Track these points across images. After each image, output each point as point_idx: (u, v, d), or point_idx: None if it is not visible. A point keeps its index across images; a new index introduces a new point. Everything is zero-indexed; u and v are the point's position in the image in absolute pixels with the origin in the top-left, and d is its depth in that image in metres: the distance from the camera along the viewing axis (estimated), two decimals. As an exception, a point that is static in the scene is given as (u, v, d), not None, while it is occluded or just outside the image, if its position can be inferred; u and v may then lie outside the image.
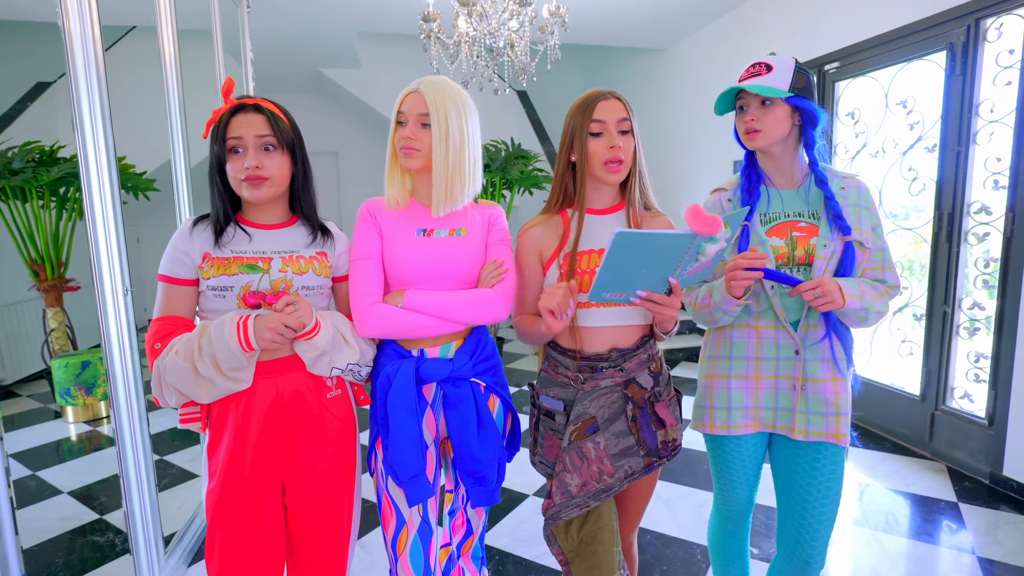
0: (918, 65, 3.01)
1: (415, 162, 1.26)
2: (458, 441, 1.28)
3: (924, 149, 2.99)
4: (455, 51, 3.33)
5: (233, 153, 1.20)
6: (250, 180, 1.20)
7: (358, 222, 1.32)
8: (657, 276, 1.12)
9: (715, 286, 1.30)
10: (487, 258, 1.34)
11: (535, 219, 1.36)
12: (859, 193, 1.35)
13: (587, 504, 1.25)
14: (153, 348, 1.17)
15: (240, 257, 1.21)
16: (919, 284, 3.08)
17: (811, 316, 1.31)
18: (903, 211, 3.18)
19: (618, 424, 1.27)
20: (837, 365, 1.33)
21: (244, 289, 1.20)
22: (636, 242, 1.03)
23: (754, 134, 1.30)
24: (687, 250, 1.06)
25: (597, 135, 1.26)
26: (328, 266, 1.30)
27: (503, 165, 4.61)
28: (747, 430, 1.38)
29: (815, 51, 3.55)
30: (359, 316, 1.25)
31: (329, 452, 1.28)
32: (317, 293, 1.28)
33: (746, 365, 1.36)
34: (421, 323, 1.24)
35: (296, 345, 1.21)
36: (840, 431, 1.31)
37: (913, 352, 3.11)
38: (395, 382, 1.24)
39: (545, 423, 1.34)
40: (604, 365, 1.29)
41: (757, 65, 1.30)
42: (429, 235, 1.29)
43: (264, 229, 1.27)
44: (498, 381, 1.37)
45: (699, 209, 1.02)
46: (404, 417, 1.23)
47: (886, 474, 2.76)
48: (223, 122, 1.20)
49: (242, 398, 1.21)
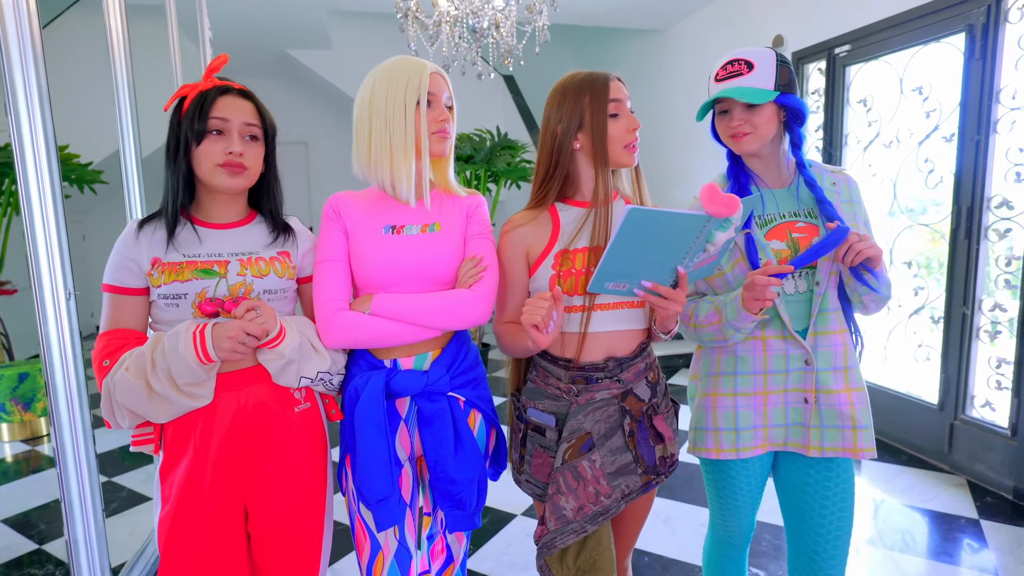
0: (935, 48, 3.05)
1: (445, 147, 1.28)
2: (434, 461, 1.28)
3: (941, 139, 3.02)
4: (435, 32, 3.31)
5: (213, 135, 1.19)
6: (230, 167, 1.20)
7: (323, 220, 1.31)
8: (665, 264, 1.12)
9: (725, 303, 1.30)
10: (465, 254, 1.32)
11: (519, 215, 1.35)
12: (850, 188, 1.37)
13: (584, 529, 1.25)
14: (101, 366, 1.16)
15: (193, 261, 1.20)
16: (937, 284, 3.11)
17: (820, 322, 1.33)
18: (919, 205, 3.21)
19: (615, 440, 1.27)
20: (851, 374, 1.34)
21: (199, 296, 1.19)
22: (649, 222, 1.02)
23: (741, 137, 1.32)
24: (699, 235, 1.07)
25: (616, 116, 1.26)
26: (291, 267, 1.30)
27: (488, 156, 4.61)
28: (756, 451, 1.38)
29: (824, 33, 3.59)
30: (323, 325, 1.24)
31: (297, 471, 1.27)
32: (280, 297, 1.28)
33: (752, 380, 1.36)
34: (392, 331, 1.24)
35: (260, 354, 1.20)
36: (858, 445, 1.32)
37: (930, 357, 3.14)
38: (363, 396, 1.24)
39: (534, 439, 1.33)
40: (600, 376, 1.28)
41: (736, 63, 1.30)
42: (399, 232, 1.28)
43: (219, 229, 1.26)
44: (480, 395, 1.37)
45: (715, 188, 1.02)
46: (372, 435, 1.22)
47: (902, 489, 2.78)
48: (209, 99, 1.19)
49: (201, 415, 1.20)
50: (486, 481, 1.37)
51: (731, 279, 1.36)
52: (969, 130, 2.80)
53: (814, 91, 3.80)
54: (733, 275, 1.35)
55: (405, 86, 1.24)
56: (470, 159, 4.67)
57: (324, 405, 1.36)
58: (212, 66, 1.25)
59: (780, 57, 1.32)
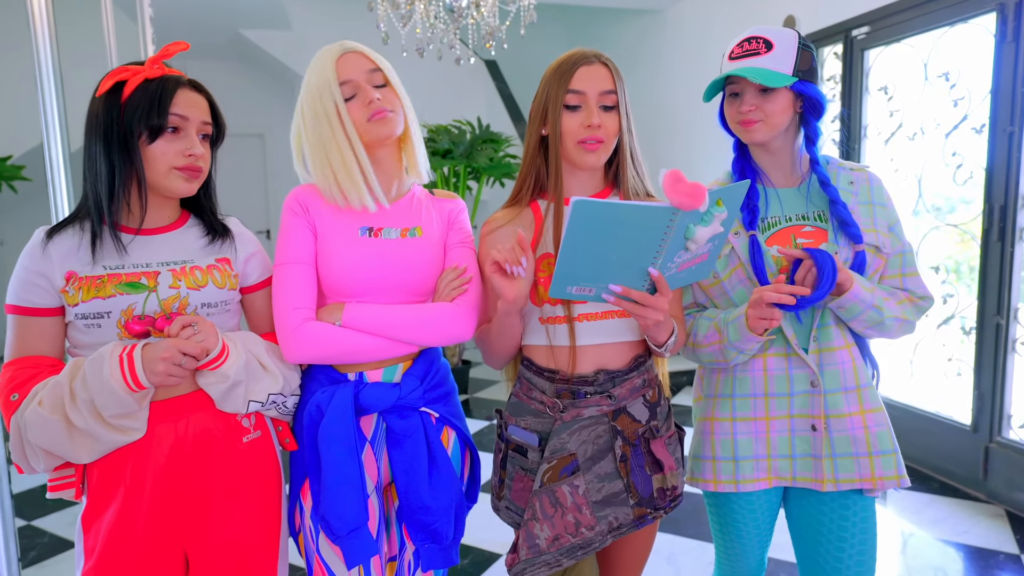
0: (963, 30, 3.07)
1: (393, 127, 1.27)
2: (405, 486, 1.27)
3: (971, 130, 3.04)
4: (407, 11, 3.30)
5: (169, 133, 1.18)
6: (189, 171, 1.19)
7: (286, 216, 1.30)
8: (634, 265, 1.11)
9: (726, 322, 1.30)
10: (446, 263, 1.33)
11: (498, 214, 1.36)
12: (871, 187, 1.37)
13: (558, 562, 1.24)
14: (8, 400, 1.12)
15: (117, 274, 1.17)
16: (968, 290, 3.13)
17: (822, 336, 1.32)
18: (947, 204, 3.24)
19: (603, 464, 1.26)
20: (865, 393, 1.33)
21: (125, 314, 1.16)
22: (600, 215, 1.00)
23: (751, 124, 1.31)
24: (667, 229, 1.05)
25: (573, 108, 1.26)
26: (232, 275, 1.28)
27: (468, 150, 4.59)
28: (760, 484, 1.37)
29: (841, 13, 3.61)
30: (286, 336, 1.23)
31: (246, 511, 1.24)
32: (222, 311, 1.26)
33: (753, 404, 1.36)
34: (364, 345, 1.24)
35: (200, 377, 1.19)
36: (877, 473, 1.31)
37: (961, 373, 3.15)
38: (328, 412, 1.22)
39: (514, 460, 1.34)
40: (588, 390, 1.28)
41: (754, 40, 1.30)
42: (377, 235, 1.28)
43: (146, 235, 1.23)
44: (452, 411, 1.37)
45: (679, 175, 1.01)
46: (341, 455, 1.21)
47: (933, 521, 2.77)
48: (167, 91, 1.17)
49: (131, 451, 1.16)
50: (464, 509, 1.37)
51: (728, 288, 1.35)
52: (1001, 120, 2.82)
53: (829, 78, 3.82)
54: (731, 284, 1.35)
55: (319, 91, 1.26)
56: (448, 154, 4.65)
57: (277, 433, 1.34)
58: (165, 51, 1.23)
59: (804, 41, 1.31)
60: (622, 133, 1.30)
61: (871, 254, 1.33)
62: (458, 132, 4.73)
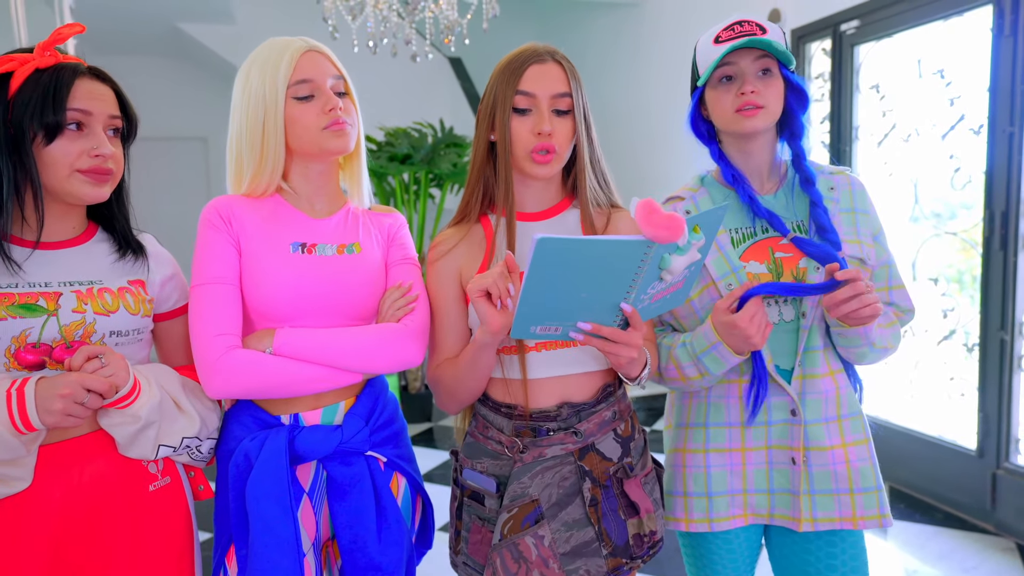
0: (958, 23, 3.10)
1: (347, 142, 1.26)
2: (350, 542, 1.24)
3: (969, 130, 3.07)
4: (358, 2, 3.26)
5: (70, 130, 1.13)
6: (96, 173, 1.14)
7: (203, 229, 1.26)
8: (604, 301, 1.09)
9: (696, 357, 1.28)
10: (388, 283, 1.32)
11: (445, 232, 1.34)
12: (853, 193, 1.37)
13: None
14: None
15: (8, 294, 1.11)
16: (970, 302, 3.14)
17: (807, 362, 1.32)
18: (946, 209, 3.27)
19: (571, 510, 1.24)
20: (848, 424, 1.33)
21: (17, 341, 1.10)
22: (566, 253, 1.00)
23: (753, 112, 1.29)
24: (642, 263, 1.04)
25: (522, 112, 1.24)
26: (147, 300, 1.24)
27: (430, 155, 4.57)
28: (735, 522, 1.36)
29: (829, 7, 3.64)
30: (208, 367, 1.19)
31: (152, 569, 1.20)
32: (133, 340, 1.22)
33: (728, 434, 1.36)
34: (301, 375, 1.20)
35: (103, 418, 1.13)
36: (858, 512, 1.31)
37: (965, 393, 3.15)
38: (258, 463, 1.19)
39: (470, 509, 1.31)
40: (551, 426, 1.26)
41: (746, 23, 1.29)
42: (310, 251, 1.27)
43: (47, 250, 1.17)
44: (402, 454, 1.35)
45: (653, 205, 1.00)
46: (273, 513, 1.17)
47: (938, 555, 2.76)
48: (63, 82, 1.11)
49: (11, 505, 1.10)
50: (415, 564, 1.35)
51: (699, 307, 1.35)
52: (1000, 120, 2.85)
53: (817, 75, 3.86)
54: (701, 303, 1.35)
55: (264, 84, 1.23)
56: (407, 159, 4.62)
57: (189, 479, 1.30)
58: (57, 35, 1.17)
59: None
60: (579, 141, 1.27)
61: (855, 267, 1.31)
62: (419, 135, 4.70)
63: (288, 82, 1.22)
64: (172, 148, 6.49)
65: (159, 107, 6.23)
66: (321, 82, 1.24)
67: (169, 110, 6.36)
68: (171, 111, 6.39)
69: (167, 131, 6.34)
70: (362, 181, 1.36)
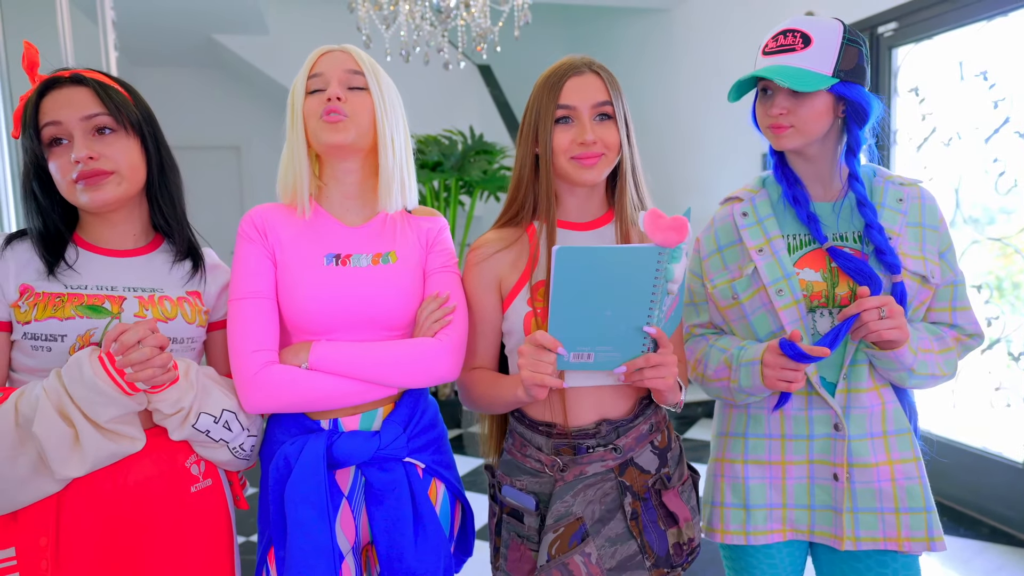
0: (1001, 24, 3.05)
1: (342, 135, 1.21)
2: (387, 549, 1.24)
3: (1014, 134, 3.02)
4: (391, 13, 3.28)
5: (55, 147, 1.15)
6: (86, 179, 1.14)
7: (240, 243, 1.27)
8: (629, 321, 1.11)
9: (740, 363, 1.27)
10: (427, 292, 1.30)
11: (488, 236, 1.33)
12: (923, 207, 1.33)
13: None
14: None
15: (79, 294, 1.15)
16: (1012, 310, 3.09)
17: (852, 375, 1.29)
18: (987, 215, 3.21)
19: (613, 525, 1.24)
20: (894, 441, 1.29)
21: (82, 340, 1.14)
22: (585, 263, 1.03)
23: (781, 130, 1.28)
24: (657, 274, 1.07)
25: (564, 122, 1.25)
26: (203, 310, 1.27)
27: (460, 163, 4.59)
28: (773, 537, 1.34)
29: (865, 9, 3.60)
30: (245, 383, 1.20)
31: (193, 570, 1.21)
32: (187, 348, 1.25)
33: (768, 446, 1.34)
34: (336, 390, 1.21)
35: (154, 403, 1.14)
36: (903, 534, 1.28)
37: (1011, 403, 3.10)
38: (297, 467, 1.20)
39: (509, 526, 1.30)
40: (590, 444, 1.25)
41: (790, 34, 1.27)
42: (344, 263, 1.27)
43: (113, 256, 1.22)
44: (442, 460, 1.35)
45: (657, 212, 1.04)
46: (310, 518, 1.19)
47: (985, 572, 2.69)
48: (30, 106, 1.15)
49: (53, 504, 1.12)
50: (452, 571, 1.35)
51: (748, 311, 1.33)
52: (1047, 123, 2.77)
53: (854, 79, 3.78)
54: (751, 307, 1.32)
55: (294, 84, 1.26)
56: (438, 166, 4.64)
57: (230, 485, 1.32)
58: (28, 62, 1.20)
59: (850, 35, 1.26)
60: (622, 146, 1.27)
61: (916, 284, 1.28)
62: (449, 143, 4.72)
63: (306, 77, 1.24)
64: (207, 157, 6.59)
65: (194, 117, 6.35)
66: (331, 75, 1.23)
67: (203, 120, 6.48)
68: (205, 121, 6.51)
69: (201, 140, 6.44)
70: (392, 182, 1.29)
